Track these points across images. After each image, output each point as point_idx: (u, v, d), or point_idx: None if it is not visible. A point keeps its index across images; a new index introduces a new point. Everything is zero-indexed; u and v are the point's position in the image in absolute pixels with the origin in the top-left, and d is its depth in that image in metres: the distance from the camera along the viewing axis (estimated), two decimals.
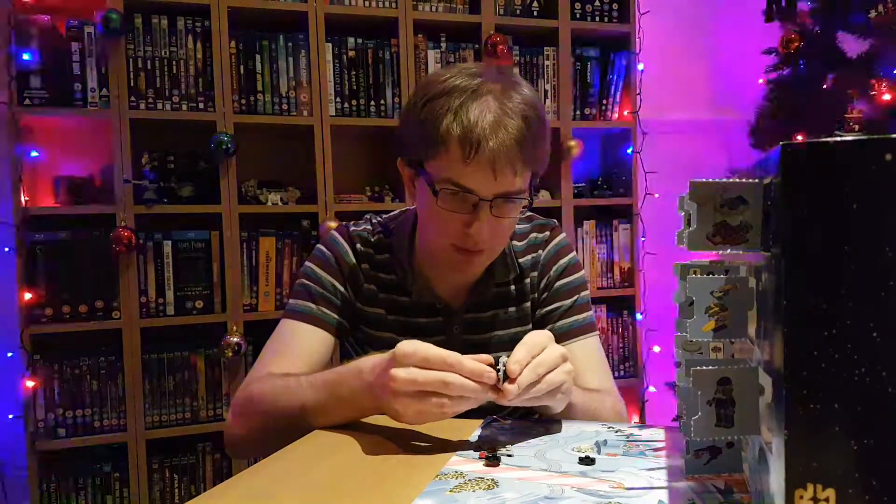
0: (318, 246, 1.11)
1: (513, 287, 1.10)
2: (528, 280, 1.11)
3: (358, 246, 1.09)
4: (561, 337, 1.09)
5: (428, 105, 0.93)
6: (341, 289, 1.07)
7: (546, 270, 1.12)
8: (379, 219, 1.13)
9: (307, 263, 1.10)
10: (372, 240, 1.09)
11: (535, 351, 0.80)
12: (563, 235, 1.16)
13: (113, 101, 2.00)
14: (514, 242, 1.11)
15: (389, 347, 0.79)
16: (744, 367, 0.50)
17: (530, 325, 1.11)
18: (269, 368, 0.98)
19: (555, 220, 1.18)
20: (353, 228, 1.11)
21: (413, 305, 1.07)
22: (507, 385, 0.75)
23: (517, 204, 0.96)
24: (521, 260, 1.11)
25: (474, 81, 0.92)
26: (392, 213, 1.15)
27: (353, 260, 1.08)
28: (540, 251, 1.13)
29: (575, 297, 1.11)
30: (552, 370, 0.80)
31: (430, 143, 0.93)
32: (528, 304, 1.11)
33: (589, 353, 1.09)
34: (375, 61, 2.27)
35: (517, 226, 1.13)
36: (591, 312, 1.13)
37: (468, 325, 1.08)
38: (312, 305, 1.05)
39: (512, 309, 1.10)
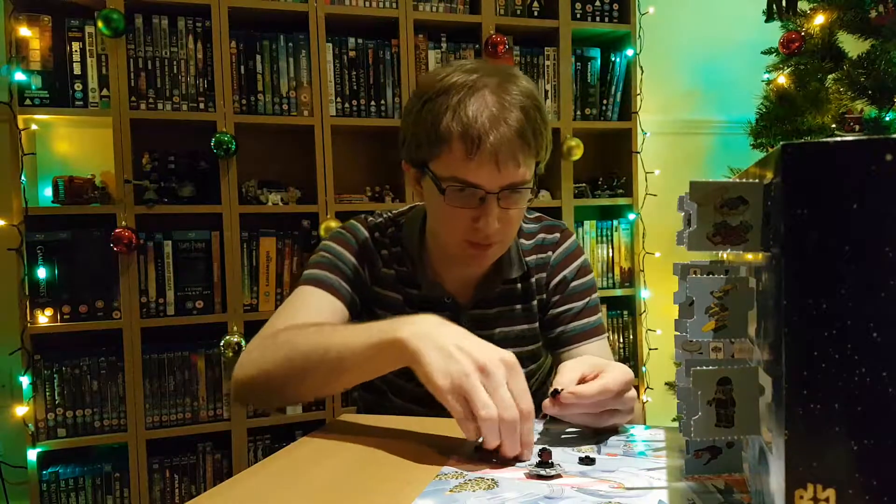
0: (337, 229, 1.13)
1: (519, 285, 1.12)
2: (534, 279, 1.12)
3: (376, 234, 1.11)
4: (573, 339, 1.10)
5: (427, 105, 0.94)
6: (358, 267, 1.08)
7: (557, 272, 1.13)
8: (390, 213, 1.15)
9: (325, 241, 1.11)
10: (387, 231, 1.11)
11: (607, 388, 0.77)
12: (573, 238, 1.17)
13: (113, 101, 2.00)
14: (522, 241, 1.13)
15: None
16: (744, 367, 0.50)
17: (536, 324, 1.13)
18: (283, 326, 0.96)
19: (564, 223, 1.19)
20: (370, 219, 1.13)
21: (422, 299, 1.08)
22: (547, 403, 0.77)
23: (523, 194, 0.97)
24: (527, 259, 1.12)
25: (471, 77, 0.93)
26: (402, 209, 1.16)
27: (372, 245, 1.10)
28: (549, 252, 1.14)
29: (587, 300, 1.13)
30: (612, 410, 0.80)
31: (432, 143, 0.93)
32: (535, 302, 1.12)
33: (602, 356, 1.08)
34: (376, 61, 2.27)
35: (526, 225, 1.15)
36: (600, 315, 1.14)
37: (474, 320, 1.09)
38: (328, 274, 1.05)
39: (518, 306, 1.11)
